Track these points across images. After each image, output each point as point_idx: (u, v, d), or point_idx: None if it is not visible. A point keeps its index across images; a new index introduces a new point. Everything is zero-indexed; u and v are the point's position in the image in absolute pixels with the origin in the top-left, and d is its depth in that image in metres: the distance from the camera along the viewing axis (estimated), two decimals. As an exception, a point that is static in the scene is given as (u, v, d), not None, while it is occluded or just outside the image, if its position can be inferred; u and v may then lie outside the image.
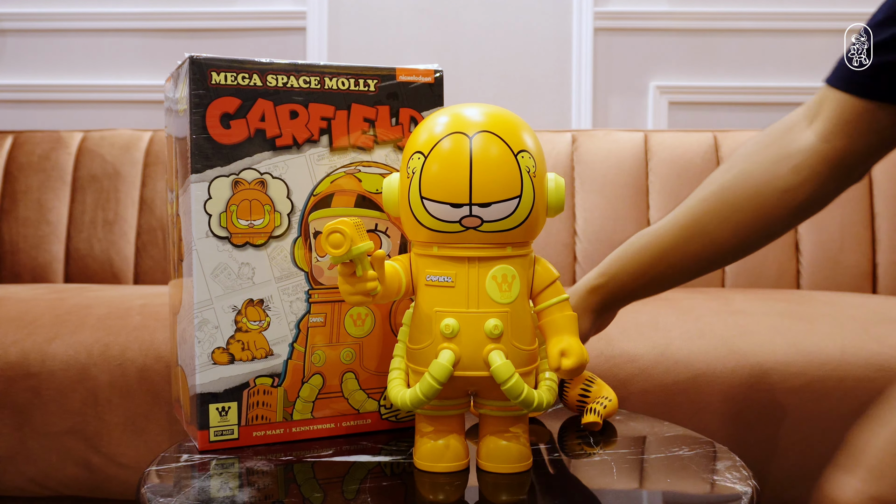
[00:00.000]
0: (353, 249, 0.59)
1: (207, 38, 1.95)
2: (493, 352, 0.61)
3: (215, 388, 0.71)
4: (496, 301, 0.62)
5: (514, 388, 0.60)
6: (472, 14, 1.93)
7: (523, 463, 0.65)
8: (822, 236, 1.58)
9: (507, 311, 0.62)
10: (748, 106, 1.92)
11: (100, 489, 1.10)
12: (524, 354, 0.63)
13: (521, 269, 0.64)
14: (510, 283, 0.62)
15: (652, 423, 0.82)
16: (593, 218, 1.63)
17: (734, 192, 0.77)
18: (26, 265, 1.68)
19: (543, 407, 0.63)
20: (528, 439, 0.66)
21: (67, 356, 1.09)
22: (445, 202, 0.61)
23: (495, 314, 0.62)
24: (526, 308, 0.64)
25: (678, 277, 0.79)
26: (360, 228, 0.61)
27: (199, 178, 0.70)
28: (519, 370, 0.62)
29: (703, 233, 0.76)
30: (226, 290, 0.71)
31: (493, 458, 0.65)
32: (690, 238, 0.77)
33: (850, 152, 0.74)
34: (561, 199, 0.64)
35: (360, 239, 0.60)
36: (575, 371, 0.62)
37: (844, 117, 0.73)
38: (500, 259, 0.63)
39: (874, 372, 1.03)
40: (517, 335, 0.63)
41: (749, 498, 0.60)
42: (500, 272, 0.62)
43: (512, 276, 0.63)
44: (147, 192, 1.71)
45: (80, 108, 1.98)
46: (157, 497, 0.60)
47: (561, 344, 0.63)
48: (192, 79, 0.69)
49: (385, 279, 0.64)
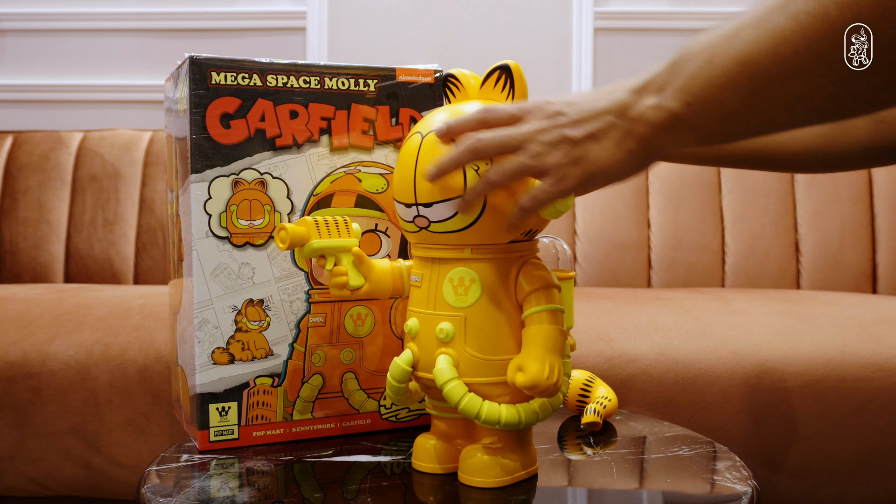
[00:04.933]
0: (308, 246, 0.64)
1: (207, 38, 1.95)
2: (441, 356, 0.60)
3: (215, 388, 0.71)
4: (450, 304, 0.61)
5: (449, 395, 0.59)
6: (472, 14, 1.93)
7: (498, 478, 0.61)
8: (822, 236, 1.58)
9: (461, 315, 0.60)
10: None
11: (100, 489, 1.10)
12: (480, 363, 0.60)
13: (489, 274, 0.60)
14: (467, 287, 0.60)
15: (652, 423, 0.82)
16: (593, 218, 1.63)
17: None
18: (26, 265, 1.68)
19: (501, 423, 0.59)
20: (518, 451, 0.62)
21: (67, 356, 1.09)
22: (401, 202, 0.63)
23: (448, 318, 0.61)
24: (491, 314, 0.60)
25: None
26: (340, 226, 0.66)
27: (199, 178, 0.70)
28: (473, 379, 0.60)
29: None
30: (226, 290, 0.71)
31: (466, 469, 0.62)
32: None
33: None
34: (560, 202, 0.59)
35: (327, 235, 0.65)
36: (529, 389, 0.57)
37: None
38: (457, 261, 0.61)
39: (874, 372, 1.03)
40: (472, 341, 0.60)
41: (749, 498, 0.60)
42: (457, 275, 0.61)
43: (471, 279, 0.60)
44: (147, 192, 1.71)
45: (80, 108, 1.98)
46: (157, 497, 0.60)
47: (520, 359, 0.58)
48: (192, 79, 0.69)
49: (372, 276, 0.67)
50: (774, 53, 0.45)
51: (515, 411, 0.59)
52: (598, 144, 0.54)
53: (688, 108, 0.50)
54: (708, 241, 1.60)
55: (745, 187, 1.62)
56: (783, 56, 0.44)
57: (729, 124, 0.50)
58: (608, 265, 1.61)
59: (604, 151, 0.54)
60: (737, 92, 0.48)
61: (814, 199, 1.61)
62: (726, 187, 1.63)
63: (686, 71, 0.50)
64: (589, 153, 0.54)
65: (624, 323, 1.13)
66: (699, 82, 0.49)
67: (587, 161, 0.55)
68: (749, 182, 1.63)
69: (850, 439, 1.02)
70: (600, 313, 1.17)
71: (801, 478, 1.04)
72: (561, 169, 0.55)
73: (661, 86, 0.52)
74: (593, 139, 0.54)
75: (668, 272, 1.60)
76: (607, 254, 1.62)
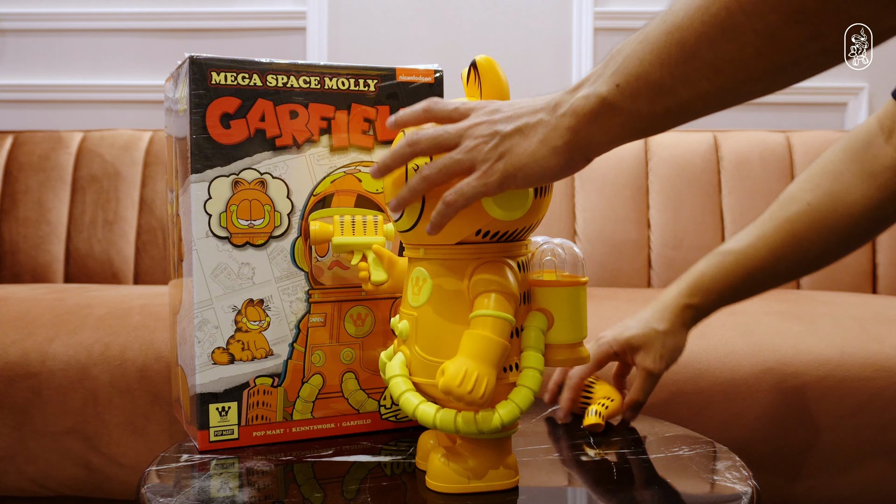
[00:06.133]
0: (331, 242, 0.71)
1: (207, 38, 1.95)
2: (397, 354, 0.61)
3: (215, 388, 0.71)
4: (409, 303, 0.61)
5: (391, 390, 0.60)
6: (472, 14, 1.93)
7: (455, 484, 0.59)
8: (822, 236, 1.58)
9: (415, 314, 0.60)
10: (748, 106, 1.92)
11: (100, 489, 1.10)
12: (425, 363, 0.59)
13: (440, 274, 0.59)
14: (420, 287, 0.60)
15: (652, 423, 0.82)
16: (593, 218, 1.63)
17: (823, 213, 0.78)
18: (26, 265, 1.68)
19: (435, 425, 0.57)
20: (482, 459, 0.60)
21: (67, 356, 1.09)
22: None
23: (406, 316, 0.61)
24: (439, 315, 0.59)
25: (766, 289, 0.83)
26: (369, 225, 0.72)
27: (199, 178, 0.70)
28: (420, 379, 0.59)
29: (795, 250, 0.79)
30: (226, 290, 0.71)
31: (430, 473, 0.61)
32: (782, 256, 0.80)
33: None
34: (500, 201, 0.56)
35: (351, 233, 0.71)
36: (445, 395, 0.55)
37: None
38: (416, 261, 0.61)
39: (874, 372, 1.03)
40: (421, 341, 0.60)
41: (749, 498, 0.60)
42: (415, 274, 0.61)
43: (423, 279, 0.60)
44: (147, 192, 1.71)
45: (80, 108, 1.98)
46: (157, 497, 0.60)
47: (446, 363, 0.55)
48: (192, 79, 0.69)
49: (394, 272, 0.70)
50: (704, 15, 0.45)
51: (451, 416, 0.58)
52: (525, 140, 0.54)
53: (617, 90, 0.50)
54: (708, 241, 1.60)
55: (745, 187, 1.62)
56: (713, 17, 0.44)
57: (659, 100, 0.49)
58: (608, 265, 1.61)
59: (529, 147, 0.53)
60: (667, 62, 0.47)
61: (814, 199, 1.60)
62: (726, 187, 1.63)
63: (620, 56, 0.50)
64: (514, 148, 0.54)
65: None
66: (631, 62, 0.49)
67: (511, 156, 0.54)
68: (749, 182, 1.63)
69: (849, 439, 1.02)
70: (600, 313, 1.17)
71: (801, 477, 1.04)
72: (487, 163, 0.54)
73: (596, 77, 0.51)
74: (520, 134, 0.54)
75: (668, 272, 1.60)
76: (607, 254, 1.62)
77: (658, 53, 0.47)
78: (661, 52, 0.47)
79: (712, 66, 0.46)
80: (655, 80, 0.48)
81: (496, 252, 0.59)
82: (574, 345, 0.60)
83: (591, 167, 1.66)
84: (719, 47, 0.45)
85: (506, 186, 0.55)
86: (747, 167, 1.64)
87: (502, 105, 0.56)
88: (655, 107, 0.49)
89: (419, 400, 0.59)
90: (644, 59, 0.48)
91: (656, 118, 0.50)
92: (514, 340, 0.58)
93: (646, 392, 0.80)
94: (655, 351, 0.80)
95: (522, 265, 0.60)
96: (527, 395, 0.57)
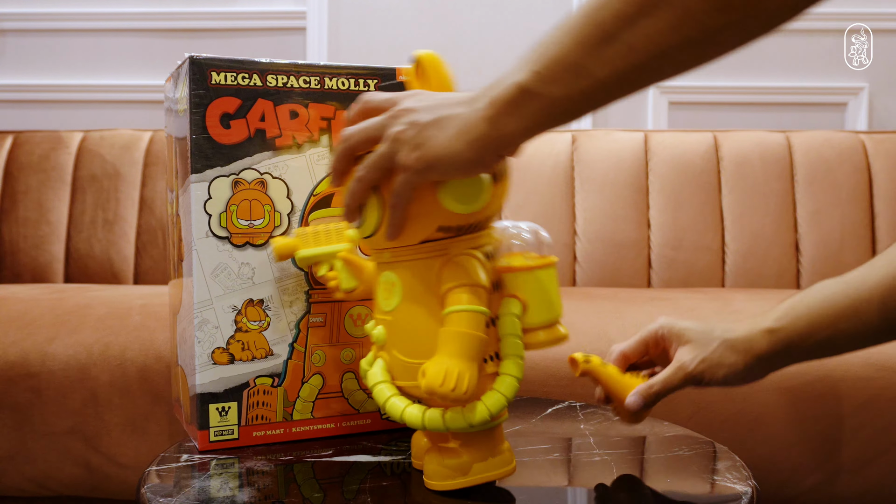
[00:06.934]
0: (297, 255, 0.70)
1: (207, 38, 1.95)
2: (377, 360, 0.62)
3: (215, 388, 0.71)
4: (382, 308, 0.61)
5: (375, 397, 0.60)
6: (472, 14, 1.93)
7: (453, 480, 0.60)
8: (822, 236, 1.58)
9: (389, 319, 0.60)
10: (748, 106, 1.92)
11: (100, 489, 1.10)
12: (405, 366, 0.59)
13: (409, 276, 0.59)
14: (391, 290, 0.60)
15: (652, 423, 0.82)
16: (593, 218, 1.63)
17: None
18: (26, 265, 1.68)
19: (424, 426, 0.57)
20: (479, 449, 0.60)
21: (67, 356, 1.09)
22: None
23: (382, 321, 0.61)
24: (413, 317, 0.59)
25: (863, 337, 0.67)
26: (332, 234, 0.70)
27: (199, 178, 0.70)
28: (402, 383, 0.59)
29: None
30: (226, 290, 0.71)
31: (427, 473, 0.61)
32: (892, 291, 0.66)
33: None
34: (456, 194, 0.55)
35: (315, 244, 0.70)
36: (429, 396, 0.55)
37: None
38: (384, 265, 0.61)
39: (874, 372, 1.03)
40: (398, 345, 0.60)
41: (749, 498, 0.60)
42: (384, 278, 0.61)
43: (392, 282, 0.60)
44: (147, 192, 1.71)
45: (80, 108, 1.98)
46: (157, 497, 0.60)
47: (426, 363, 0.56)
48: (192, 79, 0.69)
49: (364, 277, 0.69)
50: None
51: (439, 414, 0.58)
52: (441, 132, 0.53)
53: (535, 76, 0.50)
54: (708, 241, 1.60)
55: (745, 187, 1.63)
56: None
57: (576, 82, 0.49)
58: (608, 265, 1.61)
59: (444, 140, 0.53)
60: (585, 43, 0.48)
61: (814, 199, 1.61)
62: (726, 187, 1.63)
63: (541, 45, 0.50)
64: (430, 140, 0.53)
65: (624, 323, 1.13)
66: (550, 48, 0.49)
67: (427, 147, 0.53)
68: (749, 182, 1.63)
69: (850, 439, 1.02)
70: (600, 313, 1.17)
71: (801, 477, 1.04)
72: (404, 152, 0.54)
73: (516, 68, 0.51)
74: (437, 126, 0.53)
75: (668, 272, 1.60)
76: (607, 254, 1.62)
77: (576, 36, 0.48)
78: (579, 33, 0.48)
79: (628, 43, 0.46)
80: (573, 61, 0.48)
81: (461, 245, 0.58)
82: (551, 325, 0.61)
83: (591, 167, 1.66)
84: (636, 24, 0.46)
85: (428, 175, 0.54)
86: (747, 167, 1.64)
87: (427, 96, 0.56)
88: (572, 90, 0.49)
89: (405, 403, 0.59)
90: (563, 44, 0.49)
91: (572, 102, 0.50)
92: (490, 330, 0.58)
93: (667, 385, 0.68)
94: (701, 351, 0.68)
95: (489, 254, 0.60)
96: (511, 383, 0.58)
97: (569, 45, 0.48)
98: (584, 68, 0.48)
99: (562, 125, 0.52)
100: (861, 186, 1.60)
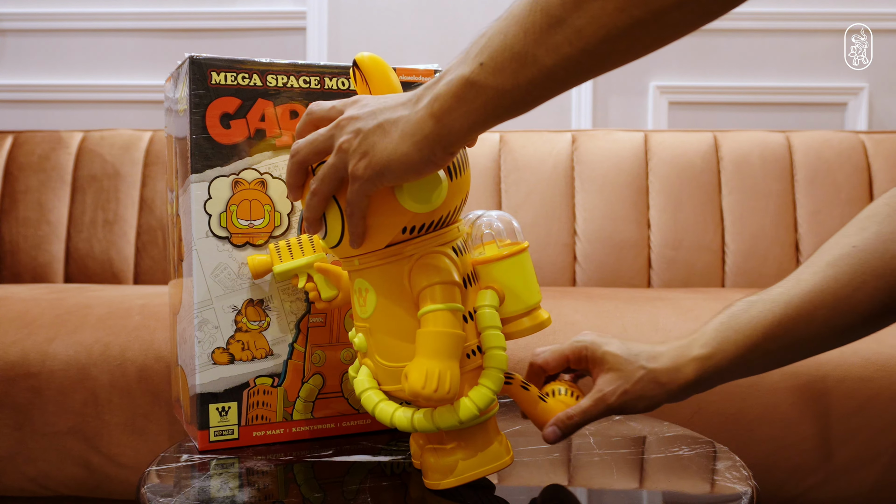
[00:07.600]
0: (273, 272, 0.70)
1: (207, 38, 1.95)
2: (362, 367, 0.62)
3: (215, 388, 0.71)
4: (359, 316, 0.61)
5: (363, 404, 0.60)
6: (472, 14, 1.93)
7: (452, 478, 0.59)
8: (823, 236, 1.58)
9: (367, 325, 0.60)
10: (748, 106, 1.92)
11: (100, 489, 1.10)
12: (388, 370, 0.59)
13: (381, 281, 0.58)
14: (365, 297, 0.59)
15: (652, 423, 0.82)
16: (593, 218, 1.63)
17: (871, 255, 0.65)
18: (26, 265, 1.68)
19: (414, 428, 0.58)
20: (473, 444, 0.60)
21: (67, 356, 1.09)
22: None
23: (361, 328, 0.61)
24: (390, 322, 0.58)
25: (794, 352, 0.67)
26: (304, 245, 0.71)
27: (199, 178, 0.70)
28: (389, 387, 0.59)
29: (833, 298, 0.65)
30: (226, 290, 0.71)
31: (425, 472, 0.61)
32: (817, 305, 0.66)
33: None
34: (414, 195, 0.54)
35: (289, 258, 0.70)
36: (413, 399, 0.55)
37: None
38: (355, 273, 0.60)
39: (874, 372, 1.03)
40: (379, 351, 0.59)
41: (749, 498, 0.60)
42: (357, 286, 0.60)
43: (365, 289, 0.59)
44: (147, 192, 1.71)
45: (80, 108, 1.98)
46: (157, 497, 0.60)
47: (408, 366, 0.55)
48: (192, 79, 0.69)
49: (342, 284, 0.70)
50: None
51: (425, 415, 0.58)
52: (386, 137, 0.52)
53: (481, 68, 0.48)
54: (708, 241, 1.60)
55: (745, 187, 1.63)
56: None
57: (522, 71, 0.47)
58: (608, 265, 1.61)
59: (390, 144, 0.51)
60: (531, 31, 0.46)
61: (814, 199, 1.61)
62: (726, 187, 1.63)
63: (485, 37, 0.49)
64: (375, 146, 0.52)
65: (624, 323, 1.13)
66: (494, 39, 0.48)
67: (372, 154, 0.52)
68: (749, 182, 1.63)
69: (849, 439, 1.02)
70: (600, 313, 1.17)
71: (801, 477, 1.04)
72: (355, 165, 0.53)
73: (459, 62, 0.50)
74: (381, 131, 0.52)
75: (668, 272, 1.60)
76: (607, 254, 1.62)
77: (522, 24, 0.47)
78: (525, 21, 0.47)
79: (575, 27, 0.45)
80: (519, 50, 0.47)
81: (429, 244, 0.57)
82: (531, 310, 0.60)
83: (591, 167, 1.66)
84: (583, 7, 0.44)
85: (379, 182, 0.53)
86: (747, 167, 1.64)
87: (370, 100, 0.55)
88: (519, 79, 0.48)
89: (393, 408, 0.59)
90: (508, 33, 0.47)
91: (519, 92, 0.48)
92: (469, 325, 0.58)
93: (586, 416, 0.65)
94: (623, 383, 0.65)
95: (459, 248, 0.59)
96: (496, 376, 0.58)
97: (514, 33, 0.47)
98: (531, 56, 0.47)
99: (511, 118, 0.51)
100: (861, 186, 1.60)
